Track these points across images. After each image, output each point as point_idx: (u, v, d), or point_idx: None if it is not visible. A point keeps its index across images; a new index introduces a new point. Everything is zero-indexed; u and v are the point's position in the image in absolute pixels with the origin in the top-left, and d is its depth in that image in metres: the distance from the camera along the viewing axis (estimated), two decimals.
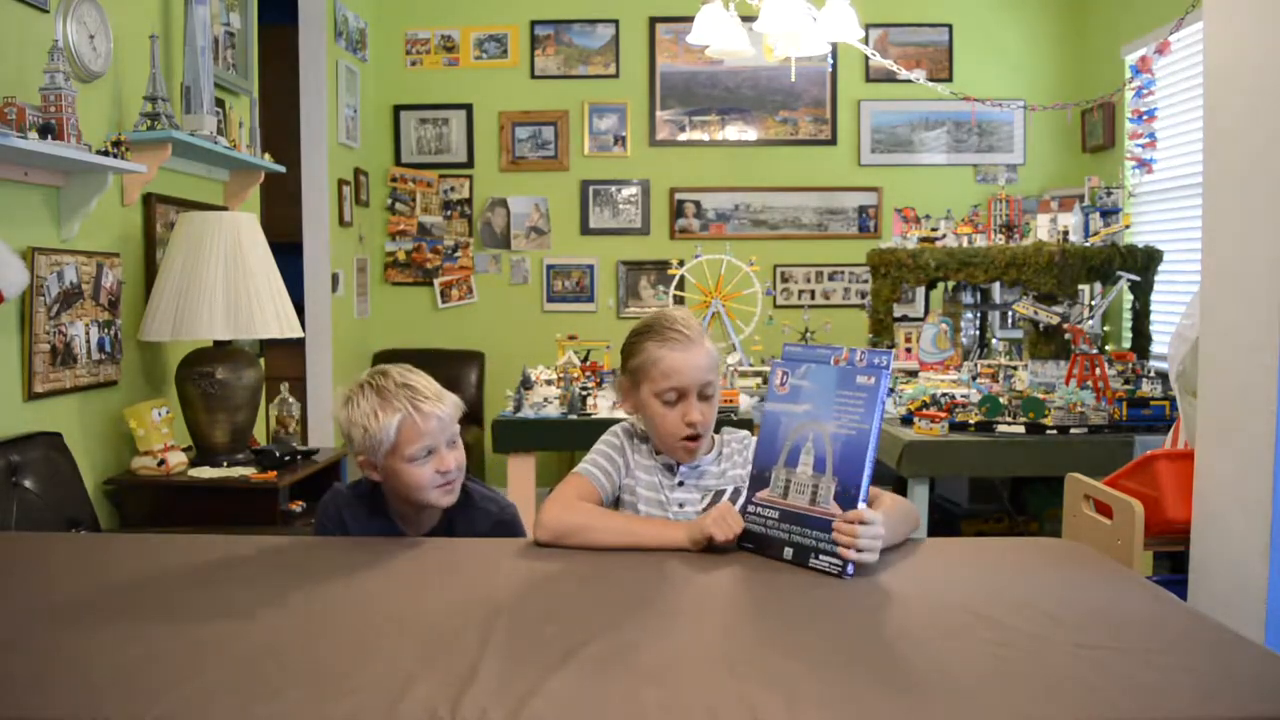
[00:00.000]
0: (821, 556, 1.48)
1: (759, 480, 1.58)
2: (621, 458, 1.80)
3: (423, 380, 1.74)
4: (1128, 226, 3.97)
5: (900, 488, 3.16)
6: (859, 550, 1.44)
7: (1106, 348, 3.46)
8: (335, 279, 4.70)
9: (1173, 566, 2.36)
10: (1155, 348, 3.94)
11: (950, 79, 5.26)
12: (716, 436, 1.84)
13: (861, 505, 1.46)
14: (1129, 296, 4.01)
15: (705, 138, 5.40)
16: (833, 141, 5.39)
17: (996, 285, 4.23)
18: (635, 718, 1.02)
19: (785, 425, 1.57)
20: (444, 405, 1.71)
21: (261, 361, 3.39)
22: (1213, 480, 1.88)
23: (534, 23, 5.35)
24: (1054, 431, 2.98)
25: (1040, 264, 3.64)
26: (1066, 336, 3.36)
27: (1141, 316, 3.94)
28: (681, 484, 1.78)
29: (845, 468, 1.48)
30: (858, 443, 1.47)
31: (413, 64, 5.36)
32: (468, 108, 5.36)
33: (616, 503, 1.80)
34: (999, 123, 5.37)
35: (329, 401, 4.57)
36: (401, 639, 1.22)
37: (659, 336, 1.73)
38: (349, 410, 1.70)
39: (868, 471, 1.46)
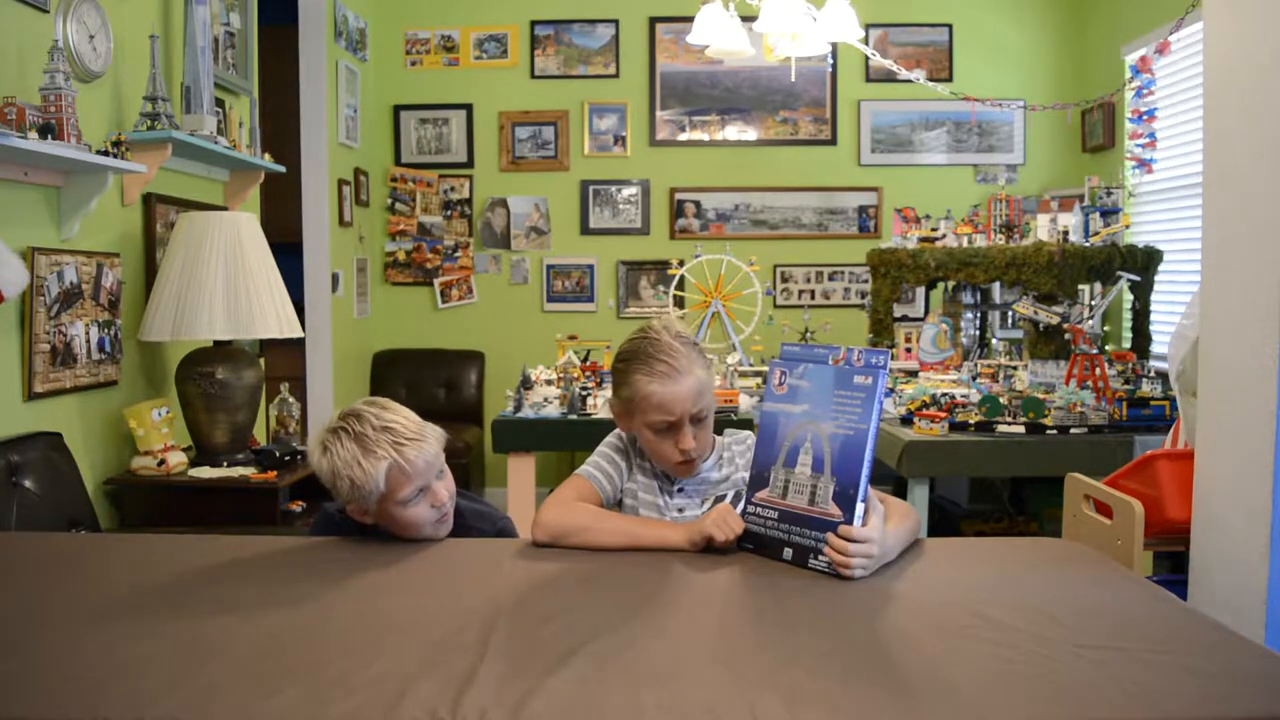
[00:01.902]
0: (820, 557, 1.48)
1: (758, 480, 1.58)
2: (625, 460, 1.80)
3: (400, 418, 1.65)
4: (1128, 226, 3.97)
5: (900, 488, 3.16)
6: (849, 568, 1.44)
7: (1106, 348, 3.46)
8: (335, 279, 4.70)
9: (1173, 566, 2.36)
10: (1155, 348, 3.94)
11: (950, 79, 5.26)
12: (718, 439, 1.83)
13: (859, 508, 1.46)
14: (1129, 296, 4.01)
15: (705, 138, 5.40)
16: (833, 141, 5.39)
17: (996, 285, 4.23)
18: (635, 718, 1.02)
19: (784, 425, 1.56)
20: (428, 444, 1.64)
21: (261, 361, 3.39)
22: (1213, 480, 1.88)
23: (534, 23, 5.35)
24: (1054, 431, 2.98)
25: (1040, 264, 3.64)
26: (1066, 336, 3.36)
27: (1141, 316, 3.94)
28: (681, 490, 1.78)
29: (844, 468, 1.48)
30: (856, 442, 1.47)
31: (413, 64, 5.36)
32: (468, 108, 5.36)
33: (619, 506, 1.80)
34: (999, 123, 5.37)
35: (329, 401, 4.57)
36: (401, 639, 1.22)
37: (647, 369, 1.68)
38: (330, 459, 1.62)
39: (866, 471, 1.46)
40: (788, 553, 1.52)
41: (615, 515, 1.72)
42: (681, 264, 4.29)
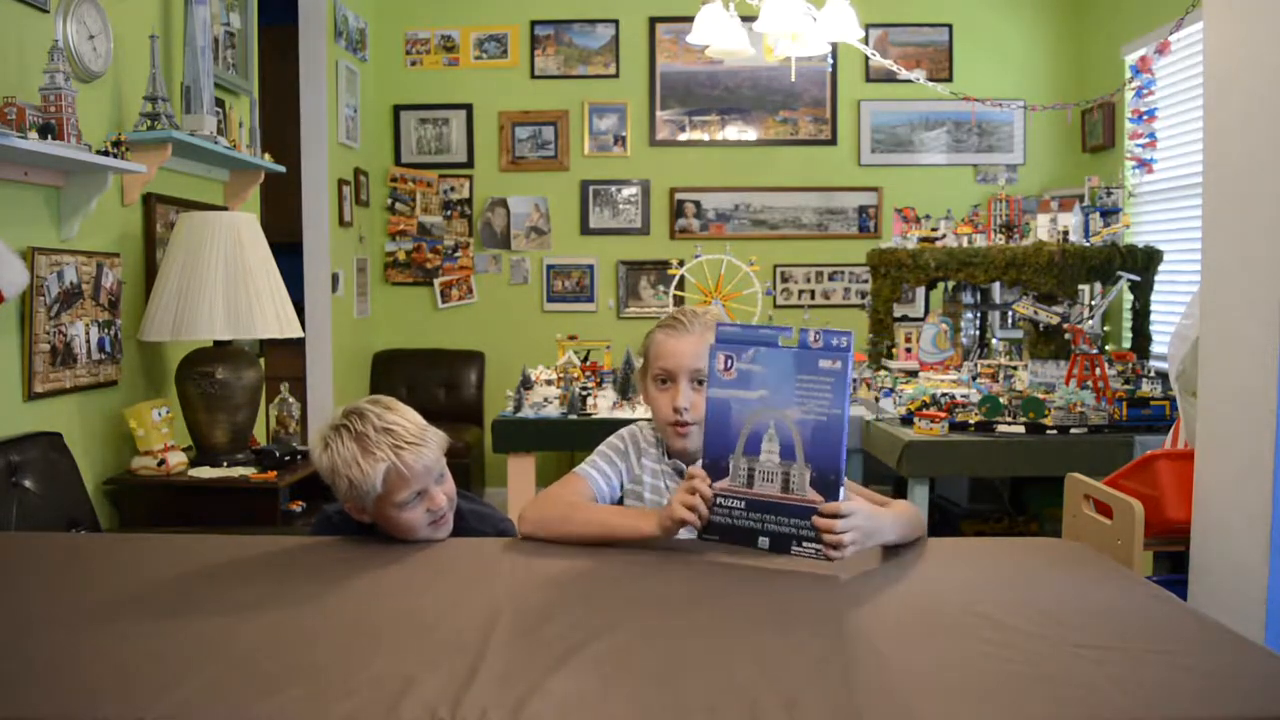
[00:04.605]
0: (805, 544, 1.47)
1: (714, 470, 1.52)
2: (624, 461, 1.80)
3: (403, 420, 1.64)
4: (1128, 226, 3.97)
5: (900, 488, 3.16)
6: (842, 545, 1.44)
7: (1106, 348, 3.46)
8: (335, 279, 4.70)
9: (1173, 566, 2.36)
10: (1155, 348, 3.94)
11: (950, 79, 5.26)
12: None
13: (842, 492, 1.45)
14: (1129, 296, 4.01)
15: (705, 138, 5.40)
16: (833, 141, 5.39)
17: (996, 285, 4.23)
18: (635, 718, 1.02)
19: (738, 412, 1.50)
20: (428, 448, 1.63)
21: (261, 361, 3.39)
22: (1213, 480, 1.88)
23: (534, 23, 5.35)
24: (1054, 431, 2.98)
25: (1040, 264, 3.64)
26: (1066, 336, 3.36)
27: (1141, 316, 3.94)
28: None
29: (819, 453, 1.44)
30: (830, 428, 1.43)
31: (413, 64, 5.36)
32: (468, 108, 5.36)
33: (621, 504, 1.80)
34: (999, 123, 5.37)
35: (329, 401, 4.57)
36: (401, 639, 1.22)
37: (664, 324, 1.79)
38: (330, 456, 1.62)
39: (844, 456, 1.44)
40: (763, 541, 1.49)
41: (592, 506, 1.71)
42: (681, 264, 4.29)
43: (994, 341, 4.25)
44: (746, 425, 1.49)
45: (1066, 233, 3.73)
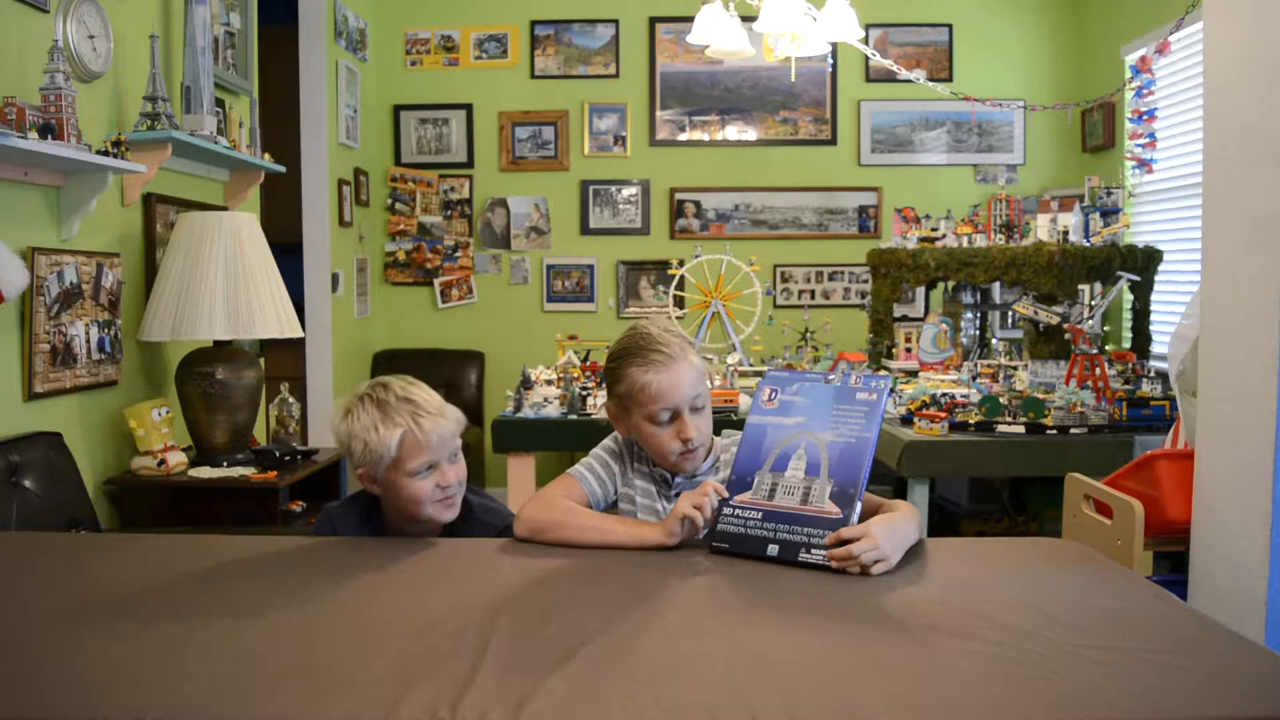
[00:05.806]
0: (814, 551, 1.49)
1: (738, 485, 1.59)
2: (619, 464, 1.79)
3: (424, 394, 1.71)
4: (1128, 226, 3.97)
5: (900, 488, 3.16)
6: (867, 566, 1.44)
7: (1106, 348, 3.46)
8: (335, 279, 4.70)
9: (1173, 566, 2.36)
10: (1155, 348, 3.94)
11: (950, 79, 5.26)
12: (716, 440, 1.82)
13: (858, 506, 1.47)
14: (1129, 296, 4.01)
15: (705, 138, 5.40)
16: (833, 141, 5.39)
17: (996, 285, 4.23)
18: (635, 718, 1.02)
19: (772, 435, 1.59)
20: (446, 420, 1.69)
21: (261, 361, 3.39)
22: (1212, 480, 1.88)
23: (534, 23, 5.35)
24: (1054, 431, 2.98)
25: (1040, 264, 3.64)
26: (1066, 336, 3.36)
27: (1141, 316, 3.94)
28: (678, 494, 1.76)
29: (843, 470, 1.51)
30: (857, 449, 1.51)
31: (413, 64, 5.36)
32: (468, 108, 5.36)
33: (613, 510, 1.79)
34: (999, 123, 5.37)
35: (329, 401, 4.57)
36: (401, 639, 1.22)
37: (641, 360, 1.69)
38: (349, 423, 1.67)
39: (865, 474, 1.49)
40: (773, 549, 1.52)
41: (591, 513, 1.71)
42: (681, 264, 4.29)
43: (994, 341, 4.25)
44: (778, 446, 1.58)
45: (1066, 233, 3.73)
